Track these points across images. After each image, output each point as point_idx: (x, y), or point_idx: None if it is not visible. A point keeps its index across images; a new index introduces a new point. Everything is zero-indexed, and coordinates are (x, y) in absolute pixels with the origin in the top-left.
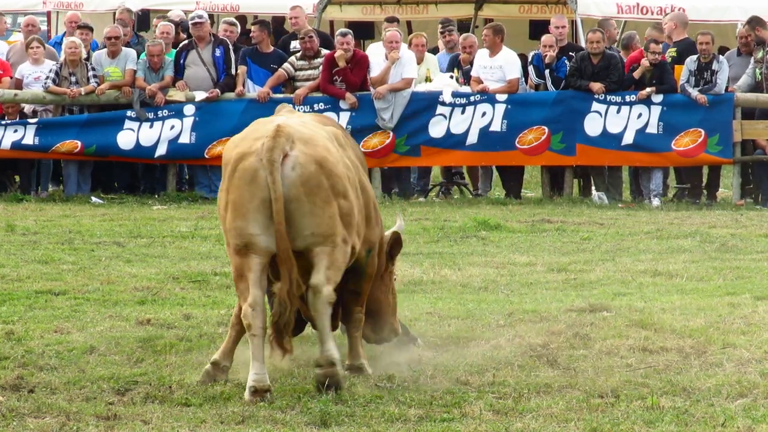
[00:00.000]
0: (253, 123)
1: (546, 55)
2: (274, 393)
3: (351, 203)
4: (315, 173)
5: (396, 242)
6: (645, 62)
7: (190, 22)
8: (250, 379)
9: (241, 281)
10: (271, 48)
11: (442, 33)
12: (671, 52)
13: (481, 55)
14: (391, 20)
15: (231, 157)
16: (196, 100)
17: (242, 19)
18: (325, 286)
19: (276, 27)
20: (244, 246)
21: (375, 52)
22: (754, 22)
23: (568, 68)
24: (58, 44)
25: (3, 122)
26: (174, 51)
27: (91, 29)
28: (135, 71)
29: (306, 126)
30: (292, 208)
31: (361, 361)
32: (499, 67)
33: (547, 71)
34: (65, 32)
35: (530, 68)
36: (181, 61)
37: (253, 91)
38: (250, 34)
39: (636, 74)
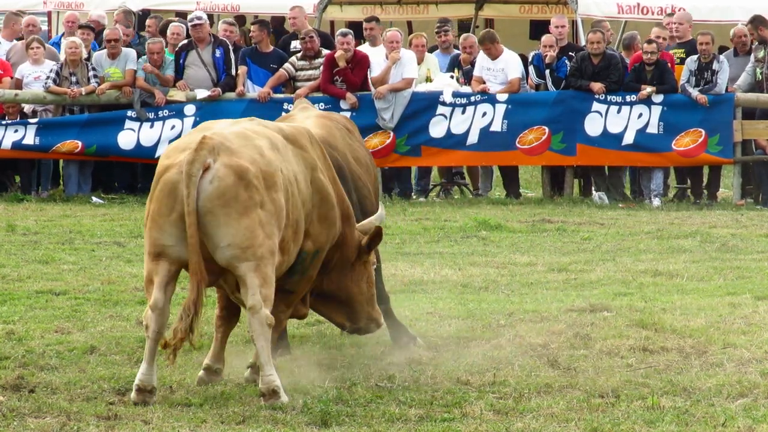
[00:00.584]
0: (191, 131)
1: (546, 55)
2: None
3: (270, 211)
4: (232, 185)
5: (376, 235)
6: (646, 92)
7: (189, 24)
8: (137, 378)
9: (149, 284)
10: (271, 48)
11: (437, 33)
12: (679, 53)
13: (484, 56)
14: (370, 20)
15: (159, 168)
16: (198, 97)
17: (242, 19)
18: (263, 308)
19: (276, 27)
20: (158, 254)
21: (369, 53)
22: (757, 21)
23: (568, 68)
24: (56, 44)
25: (3, 122)
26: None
27: (92, 29)
28: (135, 71)
29: (241, 135)
30: (207, 221)
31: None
32: (501, 69)
33: (547, 71)
34: (63, 32)
35: (530, 68)
36: (181, 62)
37: (253, 91)
38: (250, 34)
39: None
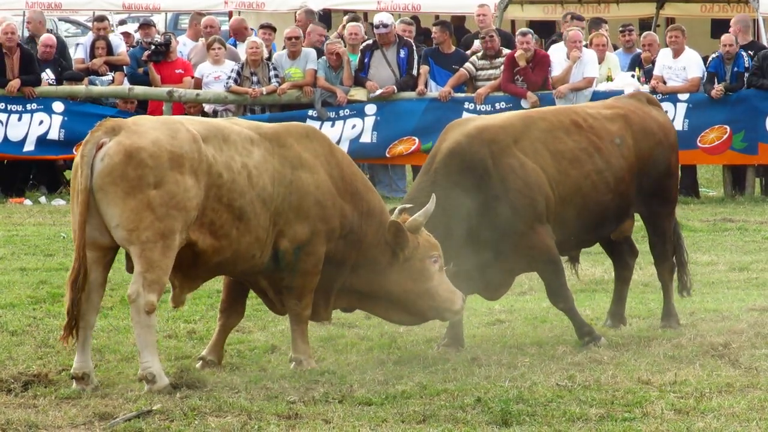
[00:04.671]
0: None
1: (723, 53)
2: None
3: (170, 192)
4: (119, 164)
5: (395, 231)
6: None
7: (375, 30)
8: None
9: None
10: (453, 48)
11: (621, 32)
12: None
13: (665, 55)
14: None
15: None
16: (371, 95)
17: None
18: (140, 295)
19: (456, 26)
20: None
21: (556, 51)
22: None
23: (745, 60)
24: (231, 45)
25: None
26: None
27: (273, 29)
28: (316, 71)
29: (162, 120)
30: (99, 198)
31: (299, 355)
32: (682, 68)
33: (727, 68)
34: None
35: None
36: (366, 61)
37: (434, 90)
38: (432, 35)
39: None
